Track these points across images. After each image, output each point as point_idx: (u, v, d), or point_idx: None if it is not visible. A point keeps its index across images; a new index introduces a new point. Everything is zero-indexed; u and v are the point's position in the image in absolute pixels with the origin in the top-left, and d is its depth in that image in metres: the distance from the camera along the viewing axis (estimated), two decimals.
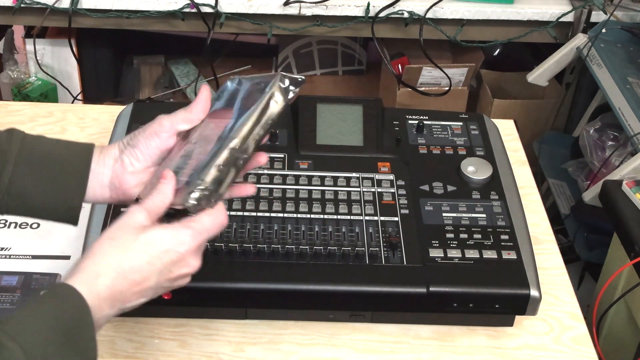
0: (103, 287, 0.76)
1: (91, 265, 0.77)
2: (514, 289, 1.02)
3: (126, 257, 0.78)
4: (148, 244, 0.79)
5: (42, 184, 0.87)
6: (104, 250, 0.78)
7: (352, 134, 1.23)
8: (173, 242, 0.79)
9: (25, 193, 0.87)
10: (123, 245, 0.78)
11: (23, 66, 2.33)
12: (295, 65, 2.74)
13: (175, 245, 0.79)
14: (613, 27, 2.01)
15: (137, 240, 0.78)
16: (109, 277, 0.77)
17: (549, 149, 2.19)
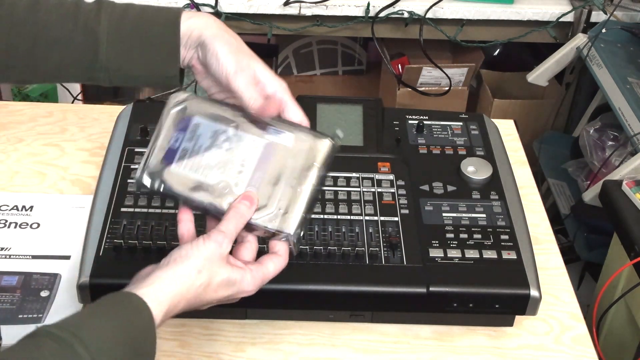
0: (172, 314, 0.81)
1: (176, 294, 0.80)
2: (514, 289, 1.02)
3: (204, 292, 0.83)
4: (224, 285, 0.84)
5: (136, 59, 0.91)
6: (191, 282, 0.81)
7: (352, 134, 1.23)
8: (241, 289, 0.86)
9: (123, 67, 0.92)
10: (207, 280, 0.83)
11: None
12: (295, 65, 2.74)
13: (241, 292, 0.86)
14: (613, 27, 2.01)
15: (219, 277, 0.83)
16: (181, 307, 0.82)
17: (549, 149, 2.19)
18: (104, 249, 1.03)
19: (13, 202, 1.23)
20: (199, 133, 0.89)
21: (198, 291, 0.82)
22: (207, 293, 0.83)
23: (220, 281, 0.83)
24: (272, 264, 0.88)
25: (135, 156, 1.16)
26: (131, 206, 1.09)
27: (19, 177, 1.28)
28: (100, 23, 0.90)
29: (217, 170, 0.88)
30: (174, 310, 0.81)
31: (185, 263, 0.82)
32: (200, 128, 0.89)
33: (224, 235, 0.84)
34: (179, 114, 0.90)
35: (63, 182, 1.28)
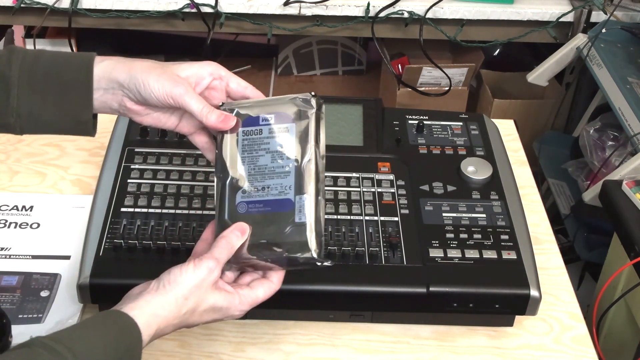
0: (158, 336, 0.83)
1: (162, 320, 0.82)
2: (514, 289, 1.02)
3: (190, 317, 0.85)
4: (210, 311, 0.86)
5: (48, 103, 0.88)
6: (178, 309, 0.83)
7: (352, 134, 1.23)
8: (228, 314, 0.88)
9: (34, 113, 0.89)
10: (194, 306, 0.84)
11: None
12: (295, 65, 2.74)
13: (228, 316, 0.88)
14: (613, 27, 2.01)
15: (205, 303, 0.85)
16: (167, 330, 0.84)
17: (549, 149, 2.19)
18: (104, 249, 1.03)
19: (13, 202, 1.23)
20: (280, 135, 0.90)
21: (185, 317, 0.84)
22: (193, 317, 0.85)
23: (206, 307, 0.86)
24: (263, 289, 0.89)
25: (135, 156, 1.16)
26: (131, 206, 1.09)
27: (19, 177, 1.28)
28: (12, 68, 0.88)
29: (251, 168, 0.90)
30: (160, 333, 0.83)
31: (174, 290, 0.83)
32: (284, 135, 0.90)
33: (215, 263, 0.85)
34: (292, 109, 0.90)
35: (63, 182, 1.28)
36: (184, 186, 1.12)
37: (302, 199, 0.87)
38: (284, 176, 0.88)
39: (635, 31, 1.99)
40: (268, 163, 0.89)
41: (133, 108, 0.91)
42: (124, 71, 0.89)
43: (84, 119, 0.90)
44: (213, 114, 0.90)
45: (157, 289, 0.83)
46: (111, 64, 0.90)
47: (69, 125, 0.91)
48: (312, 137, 0.89)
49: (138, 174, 1.14)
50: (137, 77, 0.88)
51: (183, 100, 0.88)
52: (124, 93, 0.90)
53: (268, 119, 0.90)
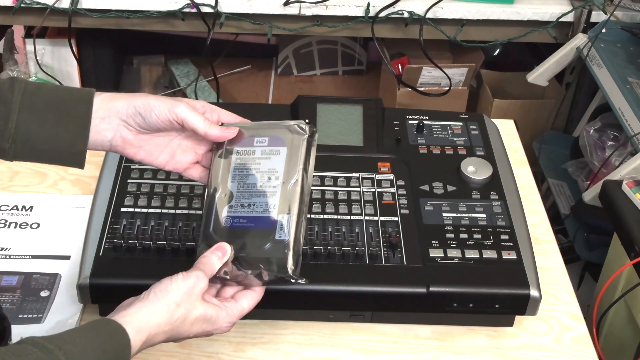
0: (150, 344, 0.85)
1: (154, 326, 0.84)
2: (514, 289, 1.02)
3: (181, 326, 0.87)
4: (200, 321, 0.88)
5: (45, 130, 0.89)
6: (169, 315, 0.85)
7: (352, 134, 1.23)
8: (216, 326, 0.90)
9: (30, 139, 0.90)
10: (185, 313, 0.86)
11: (23, 66, 2.33)
12: (295, 65, 2.74)
13: (216, 329, 0.90)
14: (613, 27, 2.01)
15: (196, 312, 0.87)
16: (159, 338, 0.85)
17: (549, 149, 2.19)
18: (104, 249, 1.03)
19: (13, 202, 1.23)
20: (271, 157, 0.94)
21: (176, 324, 0.85)
22: (184, 326, 0.86)
23: (197, 316, 0.87)
24: (247, 300, 0.92)
25: None
26: (131, 206, 1.09)
27: (19, 177, 1.28)
28: (14, 93, 0.89)
29: (240, 185, 0.94)
30: (152, 340, 0.84)
31: (165, 297, 0.85)
32: (275, 157, 0.94)
33: (203, 274, 0.88)
34: (285, 134, 0.95)
35: (63, 182, 1.28)
36: (183, 186, 1.12)
37: (284, 218, 0.91)
38: (270, 195, 0.92)
39: (635, 31, 1.99)
40: (257, 182, 0.93)
41: (127, 138, 0.92)
42: (122, 98, 0.92)
43: (78, 150, 0.91)
44: (215, 128, 0.94)
45: (148, 297, 0.85)
46: (110, 94, 0.93)
47: (62, 155, 0.91)
48: (301, 161, 0.93)
49: (138, 174, 1.14)
50: (137, 100, 0.92)
51: (185, 116, 0.92)
52: (122, 121, 0.92)
53: (262, 141, 0.95)
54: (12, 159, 0.91)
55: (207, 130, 0.93)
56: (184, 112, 0.92)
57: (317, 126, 1.23)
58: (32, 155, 0.91)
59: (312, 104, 1.26)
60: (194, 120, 0.92)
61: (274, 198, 0.92)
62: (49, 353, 0.74)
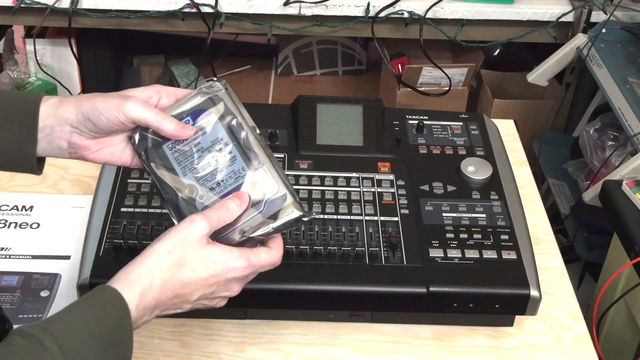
0: (150, 299, 0.79)
1: (145, 274, 0.79)
2: (514, 289, 1.02)
3: (179, 272, 0.81)
4: (202, 264, 0.81)
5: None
6: (161, 261, 0.80)
7: (352, 134, 1.23)
8: (226, 268, 0.82)
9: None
10: (180, 259, 0.80)
11: (23, 66, 2.33)
12: (295, 65, 2.74)
13: (227, 271, 0.82)
14: (613, 27, 2.01)
15: (194, 256, 0.81)
16: (158, 289, 0.80)
17: (549, 149, 2.19)
18: (104, 249, 1.03)
19: (13, 202, 1.23)
20: (205, 130, 0.88)
21: (171, 271, 0.80)
22: (185, 273, 0.80)
23: (196, 259, 0.81)
24: (265, 253, 0.85)
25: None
26: (131, 206, 1.09)
27: (19, 177, 1.28)
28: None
29: (195, 174, 0.88)
30: (151, 292, 0.79)
31: (155, 245, 0.81)
32: (209, 127, 0.88)
33: (202, 217, 0.82)
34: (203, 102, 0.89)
35: (63, 182, 1.28)
36: None
37: (259, 172, 0.87)
38: (231, 162, 0.88)
39: (635, 31, 1.99)
40: (210, 160, 0.88)
41: (83, 144, 0.87)
42: (70, 105, 0.87)
43: (28, 153, 0.87)
44: (170, 122, 0.86)
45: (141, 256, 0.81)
46: (57, 100, 0.88)
47: (13, 158, 0.87)
48: (236, 113, 0.89)
49: (138, 173, 1.14)
50: (85, 105, 0.86)
51: (135, 114, 0.85)
52: (72, 128, 0.87)
53: (186, 121, 0.88)
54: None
55: (160, 126, 0.86)
56: (133, 111, 0.85)
57: (317, 126, 1.23)
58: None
59: (312, 104, 1.26)
60: (145, 116, 0.85)
61: (238, 162, 0.87)
62: (30, 337, 0.71)
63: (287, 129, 1.23)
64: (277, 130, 1.21)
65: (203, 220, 0.82)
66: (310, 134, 1.22)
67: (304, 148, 1.20)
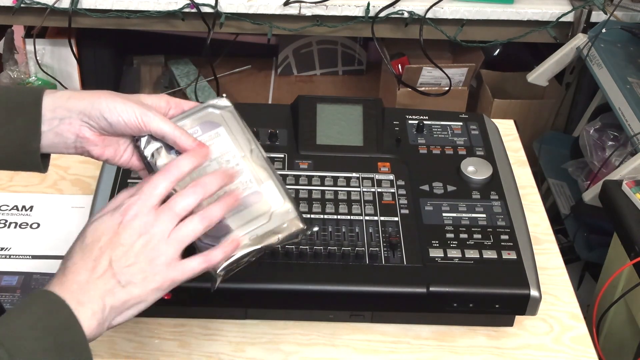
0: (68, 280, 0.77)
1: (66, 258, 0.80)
2: (514, 289, 1.02)
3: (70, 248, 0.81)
4: (94, 232, 0.80)
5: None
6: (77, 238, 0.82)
7: (352, 134, 1.23)
8: (110, 218, 0.81)
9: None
10: (86, 224, 0.82)
11: (23, 66, 2.33)
12: (295, 65, 2.74)
13: (113, 219, 0.80)
14: (613, 27, 2.01)
15: (86, 236, 0.81)
16: (63, 269, 0.78)
17: (549, 149, 2.19)
18: None
19: (13, 202, 1.24)
20: (213, 142, 0.90)
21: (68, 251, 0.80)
22: (73, 247, 0.80)
23: (102, 210, 0.81)
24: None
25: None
26: None
27: (19, 177, 1.29)
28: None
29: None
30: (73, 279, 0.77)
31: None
32: (218, 139, 0.91)
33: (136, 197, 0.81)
34: (213, 115, 0.91)
35: (63, 182, 1.28)
36: None
37: (267, 186, 0.89)
38: (239, 175, 0.89)
39: (635, 31, 1.99)
40: (217, 169, 0.89)
41: (92, 139, 0.87)
42: (84, 98, 0.86)
43: (32, 149, 0.85)
44: (187, 138, 0.87)
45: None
46: (67, 93, 0.87)
47: (16, 156, 0.86)
48: (243, 128, 0.91)
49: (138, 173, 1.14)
50: (102, 102, 0.85)
51: (155, 123, 0.85)
52: (84, 122, 0.86)
53: (195, 131, 0.90)
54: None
55: (177, 140, 0.86)
56: (154, 122, 0.85)
57: (317, 126, 1.23)
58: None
59: (312, 104, 1.26)
60: (163, 130, 0.86)
61: (245, 174, 0.89)
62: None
63: (287, 129, 1.23)
64: (277, 130, 1.21)
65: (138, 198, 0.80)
66: (310, 134, 1.22)
67: (304, 148, 1.20)
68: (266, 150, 0.93)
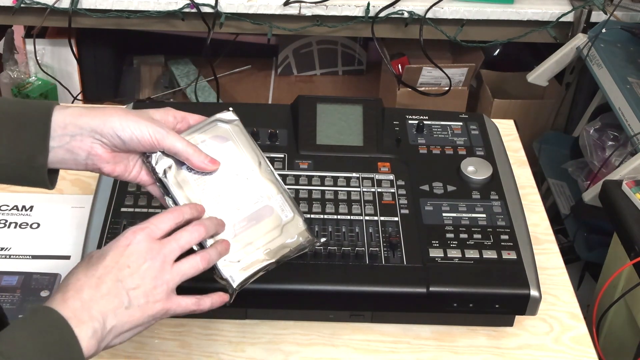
0: (70, 298, 0.77)
1: (72, 277, 0.80)
2: (514, 289, 1.02)
3: (92, 264, 0.81)
4: (99, 255, 0.82)
5: (3, 143, 0.84)
6: (84, 260, 0.82)
7: (352, 134, 1.23)
8: (115, 242, 0.82)
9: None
10: (100, 252, 0.82)
11: (23, 66, 2.33)
12: (295, 65, 2.74)
13: (119, 243, 0.82)
14: (613, 27, 2.01)
15: (91, 258, 0.82)
16: (66, 285, 0.79)
17: (549, 149, 2.19)
18: None
19: (13, 202, 1.24)
20: (223, 157, 0.91)
21: (91, 262, 0.80)
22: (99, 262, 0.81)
23: (109, 247, 0.82)
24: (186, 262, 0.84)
25: None
26: (131, 206, 1.09)
27: None
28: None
29: (215, 196, 0.90)
30: (72, 288, 0.78)
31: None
32: (228, 154, 0.92)
33: (143, 225, 0.83)
34: (221, 130, 0.92)
35: (63, 182, 1.28)
36: None
37: (276, 199, 0.92)
38: (249, 189, 0.91)
39: (635, 31, 1.99)
40: (227, 184, 0.91)
41: (104, 156, 0.87)
42: (96, 116, 0.86)
43: (38, 164, 0.85)
44: (199, 155, 0.89)
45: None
46: (77, 110, 0.86)
47: (23, 171, 0.85)
48: (251, 143, 0.93)
49: None
50: (115, 120, 0.85)
51: (168, 141, 0.87)
52: (96, 139, 0.86)
53: (205, 147, 0.91)
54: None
55: (189, 157, 0.88)
56: (167, 140, 0.87)
57: (317, 126, 1.23)
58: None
59: (312, 104, 1.26)
60: (176, 147, 0.87)
61: (255, 189, 0.91)
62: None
63: (287, 129, 1.23)
64: (277, 130, 1.21)
65: (144, 227, 0.82)
66: (310, 134, 1.22)
67: (304, 148, 1.20)
68: (266, 150, 0.93)
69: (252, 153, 0.93)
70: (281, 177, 1.13)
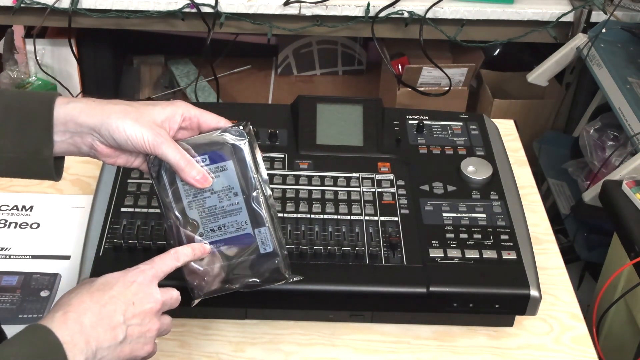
0: (70, 319, 0.79)
1: (74, 298, 0.82)
2: (514, 289, 1.02)
3: (98, 293, 0.83)
4: (105, 283, 0.84)
5: (8, 137, 0.85)
6: (86, 286, 0.84)
7: (352, 134, 1.23)
8: (123, 275, 0.84)
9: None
10: (104, 281, 0.84)
11: (23, 66, 2.33)
12: (295, 65, 2.74)
13: (126, 277, 0.84)
14: (613, 27, 2.01)
15: (96, 283, 0.84)
16: (67, 303, 0.81)
17: (549, 149, 2.19)
18: (104, 249, 1.03)
19: (13, 202, 1.24)
20: (220, 175, 0.90)
21: (91, 291, 0.82)
22: (104, 291, 0.82)
23: (102, 284, 0.84)
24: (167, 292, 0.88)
25: None
26: (131, 206, 1.09)
27: None
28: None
29: (201, 211, 0.90)
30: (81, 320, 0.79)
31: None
32: (224, 173, 0.90)
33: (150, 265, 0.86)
34: (225, 147, 0.91)
35: (63, 182, 1.28)
36: None
37: (260, 231, 0.91)
38: (237, 213, 0.90)
39: (635, 31, 1.99)
40: (217, 203, 0.90)
41: (104, 151, 0.88)
42: (95, 115, 0.86)
43: (45, 156, 0.86)
44: (192, 169, 0.88)
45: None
46: (78, 107, 0.87)
47: (30, 164, 0.87)
48: (252, 167, 0.91)
49: (138, 173, 1.14)
50: (112, 122, 0.86)
51: (161, 150, 0.87)
52: (95, 137, 0.87)
53: (203, 159, 0.90)
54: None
55: (183, 171, 0.88)
56: (162, 149, 0.87)
57: (317, 126, 1.23)
58: (0, 167, 0.87)
59: (312, 104, 1.26)
60: (169, 158, 0.87)
61: (242, 215, 0.90)
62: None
63: (287, 129, 1.23)
64: (277, 130, 1.21)
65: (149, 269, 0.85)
66: (310, 134, 1.22)
67: (304, 148, 1.20)
68: (266, 150, 0.93)
69: (250, 179, 0.90)
70: (281, 177, 1.14)
